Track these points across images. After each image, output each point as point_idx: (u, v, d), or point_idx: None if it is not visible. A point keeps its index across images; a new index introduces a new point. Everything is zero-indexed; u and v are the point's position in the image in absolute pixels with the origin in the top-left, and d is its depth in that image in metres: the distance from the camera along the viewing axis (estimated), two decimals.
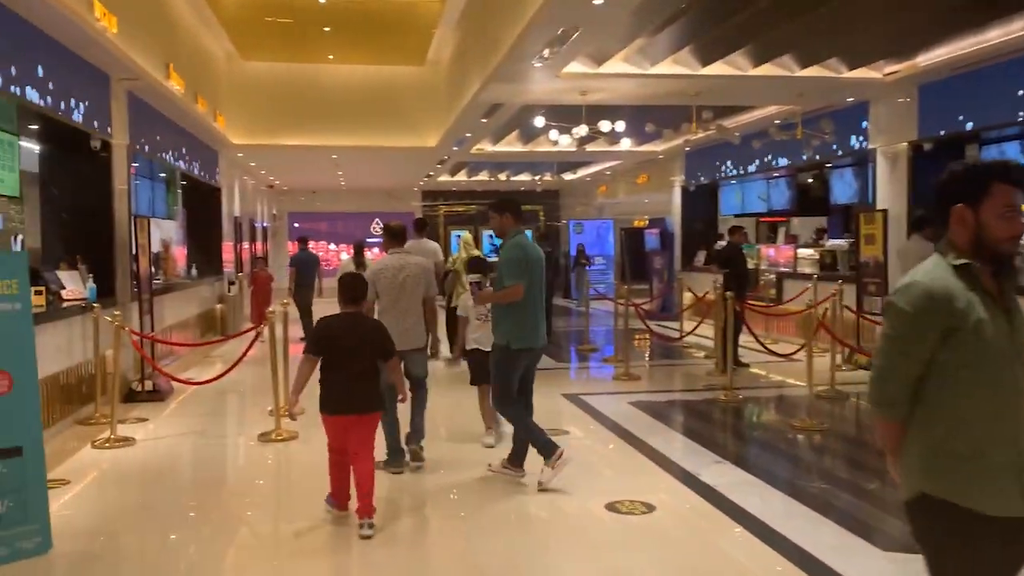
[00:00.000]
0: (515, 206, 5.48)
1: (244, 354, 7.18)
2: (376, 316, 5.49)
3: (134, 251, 8.73)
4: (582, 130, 10.65)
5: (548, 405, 7.94)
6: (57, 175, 8.56)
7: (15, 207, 14.78)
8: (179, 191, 14.29)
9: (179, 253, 14.58)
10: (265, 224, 23.48)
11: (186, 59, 10.95)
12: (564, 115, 11.38)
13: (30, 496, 4.22)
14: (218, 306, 14.43)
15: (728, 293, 8.61)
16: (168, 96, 9.99)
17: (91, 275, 8.08)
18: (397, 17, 13.00)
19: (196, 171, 13.21)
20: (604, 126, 10.74)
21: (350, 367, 4.52)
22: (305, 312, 13.26)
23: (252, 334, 8.57)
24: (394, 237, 5.95)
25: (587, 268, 20.04)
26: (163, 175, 12.20)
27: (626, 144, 14.09)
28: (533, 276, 5.32)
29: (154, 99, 9.92)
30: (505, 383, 5.32)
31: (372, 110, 15.17)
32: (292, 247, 26.46)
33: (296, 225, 26.71)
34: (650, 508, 4.94)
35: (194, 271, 13.44)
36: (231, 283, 14.84)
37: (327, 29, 12.95)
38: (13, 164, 7.73)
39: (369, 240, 24.17)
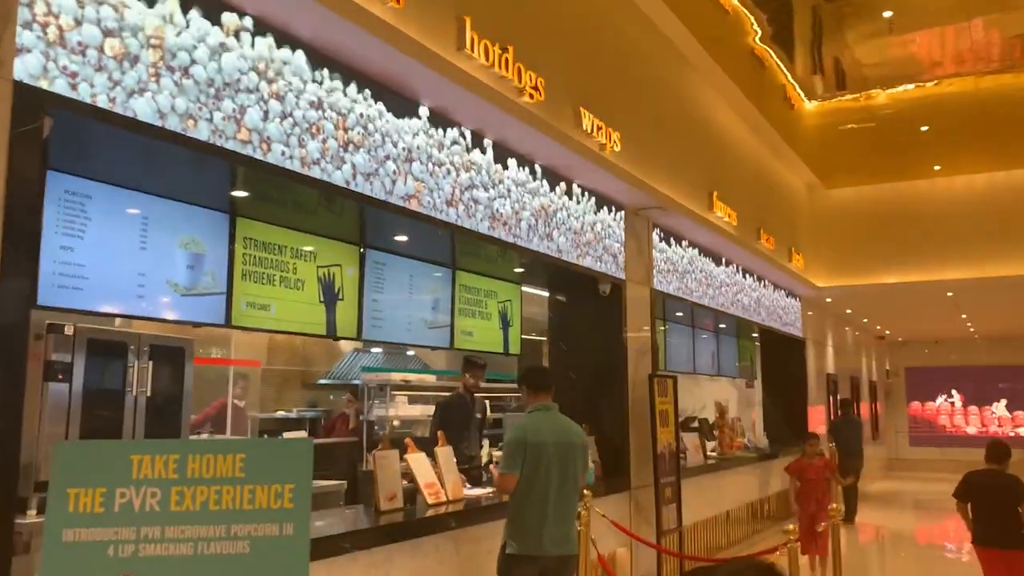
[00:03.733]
0: (532, 377, 4.48)
1: None
2: None
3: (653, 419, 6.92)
4: None
5: None
6: (559, 326, 7.29)
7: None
8: (756, 344, 12.43)
9: (752, 418, 12.52)
10: (874, 381, 20.08)
11: (739, 187, 9.22)
12: None
13: None
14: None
15: None
16: (712, 230, 8.27)
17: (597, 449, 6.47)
18: (1020, 101, 9.42)
19: (766, 319, 11.15)
20: None
21: (989, 510, 5.54)
22: (849, 488, 10.95)
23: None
24: None
25: None
26: (723, 325, 10.44)
27: None
28: (539, 465, 4.12)
29: (690, 233, 8.27)
30: None
31: (999, 229, 11.33)
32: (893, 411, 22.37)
33: (910, 383, 22.55)
34: None
35: (765, 441, 11.14)
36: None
37: (925, 128, 9.99)
38: (514, 318, 6.72)
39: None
